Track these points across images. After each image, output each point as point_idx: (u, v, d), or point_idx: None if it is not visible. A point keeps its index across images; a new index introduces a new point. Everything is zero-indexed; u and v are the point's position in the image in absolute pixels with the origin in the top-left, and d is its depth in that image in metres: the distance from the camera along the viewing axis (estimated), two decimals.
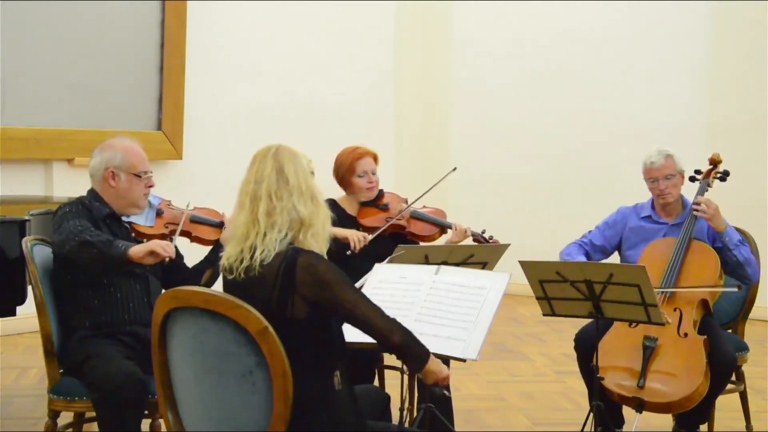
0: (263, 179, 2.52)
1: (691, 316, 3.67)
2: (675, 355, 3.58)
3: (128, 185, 3.38)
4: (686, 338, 3.61)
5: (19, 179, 6.03)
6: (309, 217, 2.52)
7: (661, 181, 3.96)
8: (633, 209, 4.13)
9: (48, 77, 6.19)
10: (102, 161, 3.39)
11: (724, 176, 4.03)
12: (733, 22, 7.15)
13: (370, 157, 4.14)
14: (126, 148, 3.40)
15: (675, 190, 3.99)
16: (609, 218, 4.14)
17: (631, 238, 4.05)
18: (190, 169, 6.77)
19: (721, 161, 4.04)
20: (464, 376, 5.13)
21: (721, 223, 3.85)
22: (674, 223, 4.00)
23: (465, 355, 2.81)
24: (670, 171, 3.95)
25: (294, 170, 2.54)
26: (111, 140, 3.45)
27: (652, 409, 3.56)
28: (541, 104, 8.05)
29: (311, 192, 2.56)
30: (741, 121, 7.06)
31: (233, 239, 2.54)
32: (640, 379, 3.54)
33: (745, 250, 3.85)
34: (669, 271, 3.76)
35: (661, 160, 3.96)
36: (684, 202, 4.04)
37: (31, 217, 3.83)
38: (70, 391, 3.18)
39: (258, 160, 2.57)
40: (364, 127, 7.79)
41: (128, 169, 3.38)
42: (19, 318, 3.88)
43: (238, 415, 2.40)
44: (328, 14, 7.76)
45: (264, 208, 2.50)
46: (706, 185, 3.99)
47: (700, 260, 3.79)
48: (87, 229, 3.15)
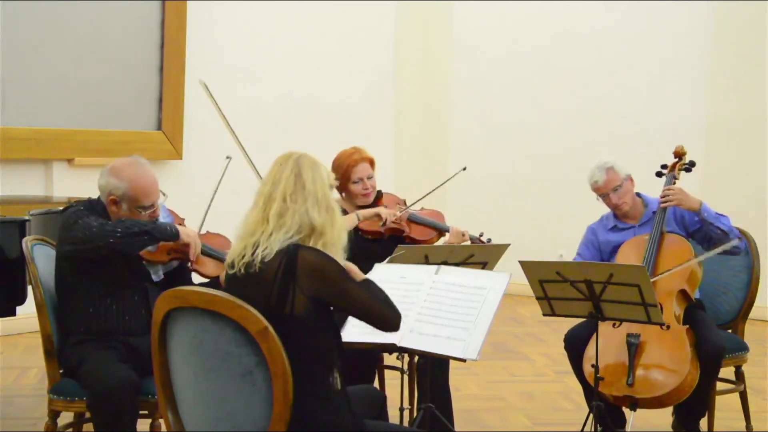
0: (280, 181, 2.54)
1: (671, 308, 3.67)
2: (660, 348, 3.59)
3: (129, 215, 3.27)
4: (668, 330, 3.61)
5: (19, 179, 6.03)
6: (322, 226, 2.52)
7: (611, 195, 3.99)
8: (599, 224, 4.15)
9: (48, 77, 6.19)
10: (107, 186, 3.27)
11: (690, 167, 4.02)
12: (733, 22, 7.15)
13: (365, 163, 4.12)
14: (133, 181, 3.25)
15: (627, 196, 4.01)
16: (583, 241, 4.14)
17: (605, 252, 4.06)
18: (190, 169, 6.77)
19: (685, 153, 4.03)
20: (464, 376, 5.13)
21: (693, 201, 3.85)
22: (641, 223, 4.02)
23: (465, 355, 2.82)
24: (615, 183, 3.98)
25: (312, 178, 2.56)
26: (121, 163, 3.29)
27: (646, 405, 3.56)
28: (541, 104, 8.04)
29: (327, 202, 2.56)
30: (741, 121, 7.06)
31: (240, 236, 2.55)
32: (628, 377, 3.54)
33: (726, 221, 3.84)
34: (645, 264, 3.74)
35: (603, 176, 3.98)
36: (644, 201, 4.06)
37: (31, 217, 3.83)
38: (70, 391, 3.18)
39: (279, 163, 2.59)
40: (364, 127, 7.79)
41: (130, 202, 3.26)
42: (19, 318, 3.88)
43: (238, 415, 2.40)
44: (328, 14, 7.76)
45: (276, 208, 2.51)
46: (672, 178, 3.97)
47: (674, 250, 3.79)
48: (119, 224, 3.17)
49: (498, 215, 7.54)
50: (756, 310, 4.28)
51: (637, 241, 3.92)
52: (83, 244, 3.14)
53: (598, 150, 7.71)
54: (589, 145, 7.80)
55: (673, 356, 3.56)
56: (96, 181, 3.34)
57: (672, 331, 3.61)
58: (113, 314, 3.28)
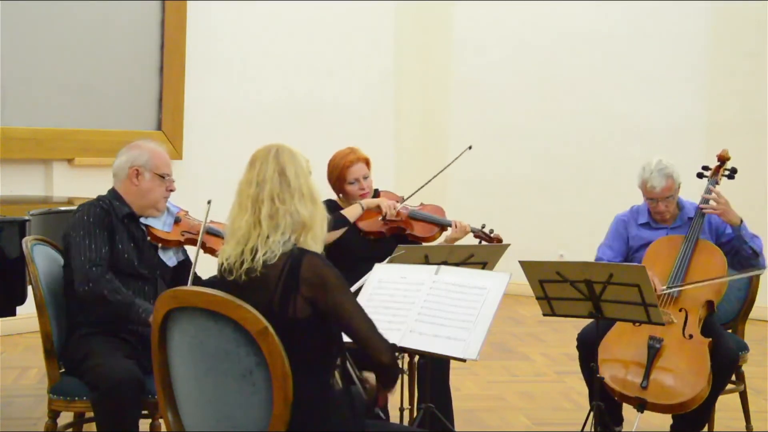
0: (266, 182, 2.52)
1: (696, 317, 3.65)
2: (679, 357, 3.56)
3: (151, 185, 3.42)
4: (691, 340, 3.58)
5: (19, 179, 6.03)
6: (310, 220, 2.53)
7: (660, 203, 3.90)
8: (630, 215, 4.06)
9: (48, 77, 6.19)
10: (128, 159, 3.43)
11: (732, 174, 3.96)
12: (733, 22, 7.15)
13: (361, 163, 4.10)
14: (152, 150, 3.47)
15: (673, 205, 3.92)
16: (610, 231, 4.07)
17: (634, 247, 4.01)
18: (190, 169, 6.76)
19: (729, 158, 3.96)
20: (464, 376, 5.13)
21: (734, 216, 3.80)
22: (674, 226, 3.96)
23: (465, 355, 2.81)
24: (670, 192, 3.87)
25: (295, 172, 2.55)
26: (138, 141, 3.52)
27: (655, 409, 3.55)
28: (540, 104, 8.04)
29: (311, 194, 2.56)
30: (741, 121, 7.06)
31: (233, 240, 2.53)
32: (643, 380, 3.52)
33: (759, 242, 3.80)
34: (677, 270, 3.72)
35: (663, 183, 3.84)
36: (680, 204, 3.99)
37: (31, 217, 3.83)
38: (70, 391, 3.19)
39: (259, 162, 2.56)
40: (364, 127, 7.79)
41: (153, 169, 3.42)
42: (19, 318, 3.88)
43: (238, 415, 2.40)
44: (328, 14, 7.76)
45: (267, 211, 2.50)
46: (714, 183, 3.90)
47: (708, 260, 3.75)
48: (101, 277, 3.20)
49: (498, 215, 7.51)
50: (756, 310, 4.28)
51: (670, 241, 3.84)
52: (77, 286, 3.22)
53: (598, 149, 7.78)
54: (589, 144, 7.81)
55: (691, 368, 3.52)
56: (96, 182, 3.35)
57: (694, 341, 3.58)
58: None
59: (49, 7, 6.11)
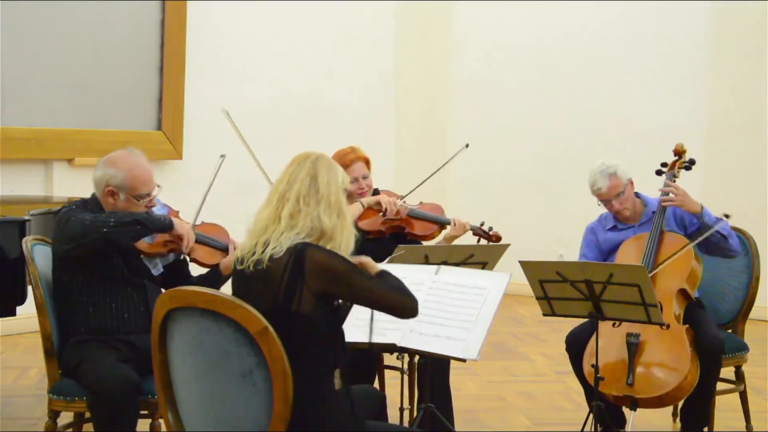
0: (296, 181, 2.57)
1: (671, 308, 3.66)
2: (659, 348, 3.59)
3: (127, 206, 3.27)
4: (668, 329, 3.60)
5: (19, 179, 6.03)
6: (332, 230, 2.54)
7: (613, 201, 3.95)
8: (598, 224, 4.12)
9: (48, 77, 6.19)
10: (103, 177, 3.27)
11: (690, 165, 3.99)
12: (733, 22, 7.14)
13: (361, 162, 4.12)
14: (130, 168, 3.26)
15: (628, 202, 3.97)
16: (583, 241, 4.12)
17: (606, 250, 4.04)
18: (190, 169, 6.76)
19: (685, 151, 4.00)
20: (464, 376, 5.13)
21: (694, 204, 3.83)
22: (640, 223, 4.00)
23: (465, 355, 2.82)
24: (618, 190, 3.93)
25: (327, 181, 2.58)
26: (118, 154, 3.31)
27: (647, 405, 3.57)
28: (541, 104, 8.04)
29: (339, 207, 2.58)
30: (741, 121, 7.06)
31: (251, 232, 2.57)
32: (628, 377, 3.54)
33: (725, 224, 3.81)
34: (644, 264, 3.72)
35: (606, 182, 3.91)
36: (644, 201, 4.03)
37: (31, 217, 3.82)
38: (70, 391, 3.18)
39: (296, 163, 2.61)
40: (364, 127, 7.79)
41: (128, 191, 3.25)
42: (19, 318, 3.88)
43: (238, 415, 2.40)
44: (328, 14, 7.76)
45: (289, 209, 2.53)
46: (672, 176, 3.94)
47: (674, 248, 3.76)
48: (112, 215, 3.17)
49: (498, 215, 7.49)
50: (756, 310, 4.28)
51: (638, 239, 3.90)
52: (79, 240, 3.14)
53: (598, 149, 7.75)
54: (589, 144, 7.80)
55: (673, 355, 3.55)
56: None
57: (672, 330, 3.61)
58: (112, 313, 3.28)
59: (49, 7, 6.11)
